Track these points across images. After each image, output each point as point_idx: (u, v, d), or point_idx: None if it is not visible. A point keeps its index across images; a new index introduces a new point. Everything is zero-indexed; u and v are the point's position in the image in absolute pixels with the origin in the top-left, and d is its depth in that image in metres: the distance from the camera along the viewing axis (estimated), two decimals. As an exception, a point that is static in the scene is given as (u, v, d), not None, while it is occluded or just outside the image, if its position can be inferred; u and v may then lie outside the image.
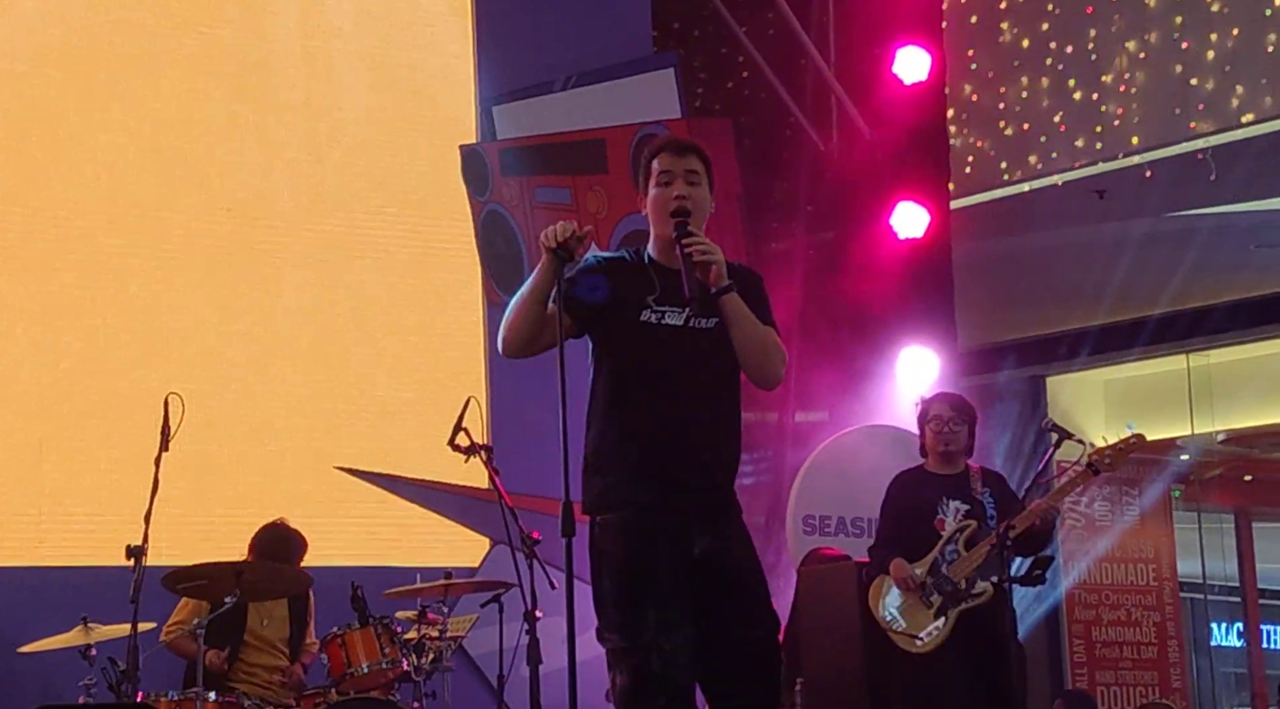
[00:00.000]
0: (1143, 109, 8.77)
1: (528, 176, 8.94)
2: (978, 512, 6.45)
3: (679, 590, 4.04)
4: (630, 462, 4.12)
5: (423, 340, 8.65)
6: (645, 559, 4.06)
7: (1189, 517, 13.29)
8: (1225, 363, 12.07)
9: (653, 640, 4.00)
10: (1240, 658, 14.69)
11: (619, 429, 4.15)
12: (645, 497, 4.09)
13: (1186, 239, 10.15)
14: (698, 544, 4.08)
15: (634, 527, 4.09)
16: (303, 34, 8.72)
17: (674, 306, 4.13)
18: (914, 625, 6.44)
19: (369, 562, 7.78)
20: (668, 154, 4.24)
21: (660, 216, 4.17)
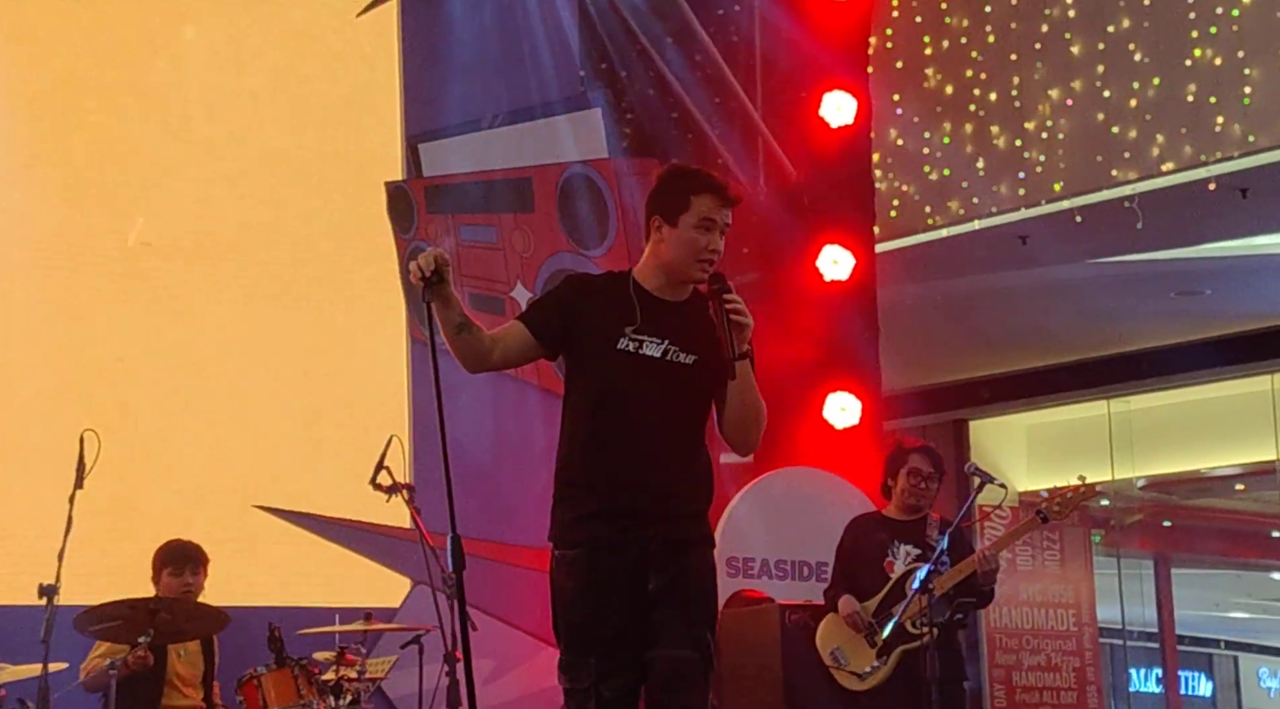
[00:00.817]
0: (1065, 156, 8.85)
1: (454, 214, 8.90)
2: (929, 557, 6.49)
3: (628, 634, 4.03)
4: (597, 492, 4.09)
5: (345, 378, 8.57)
6: (596, 603, 4.05)
7: (1109, 562, 13.39)
8: (1146, 409, 12.19)
9: (592, 686, 4.01)
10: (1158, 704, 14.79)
11: (587, 457, 4.12)
12: (606, 533, 4.06)
13: (1108, 286, 10.25)
14: (654, 580, 4.05)
15: (589, 567, 4.08)
16: (227, 69, 8.65)
17: (654, 337, 4.09)
18: (856, 663, 6.52)
19: (287, 602, 7.68)
20: (715, 199, 4.16)
21: (686, 259, 4.12)
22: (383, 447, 6.41)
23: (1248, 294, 10.34)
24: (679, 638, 4.03)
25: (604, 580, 4.05)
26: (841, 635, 6.61)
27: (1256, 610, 17.51)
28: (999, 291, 10.42)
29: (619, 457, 4.08)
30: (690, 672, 4.03)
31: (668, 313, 4.14)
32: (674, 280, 4.16)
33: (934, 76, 9.43)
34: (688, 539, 4.12)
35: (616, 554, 4.05)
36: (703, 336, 4.11)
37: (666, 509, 4.08)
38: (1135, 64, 8.57)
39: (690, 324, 4.13)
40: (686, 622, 4.05)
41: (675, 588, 4.05)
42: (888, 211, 9.37)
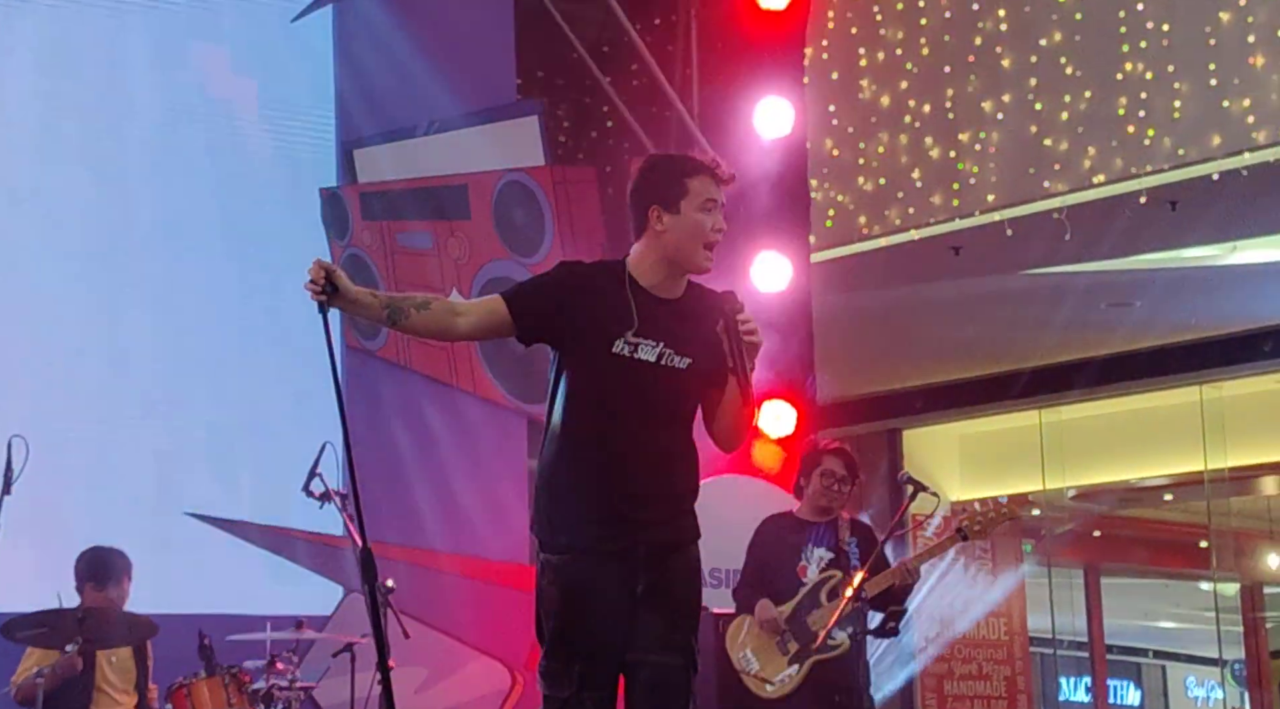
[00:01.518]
0: (998, 168, 8.91)
1: (389, 221, 8.87)
2: (842, 561, 6.50)
3: (611, 642, 3.96)
4: (585, 496, 4.00)
5: (278, 384, 8.52)
6: (582, 611, 3.97)
7: (1039, 571, 13.49)
8: (1077, 419, 12.30)
9: (574, 695, 3.93)
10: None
11: (575, 457, 4.02)
12: (594, 538, 3.98)
13: (1040, 297, 10.34)
14: (642, 581, 3.97)
15: (576, 573, 3.99)
16: (158, 69, 8.59)
17: (650, 340, 3.98)
18: (767, 670, 6.47)
19: (218, 609, 7.62)
20: (711, 179, 4.07)
21: (694, 243, 4.02)
22: (316, 453, 6.37)
23: (1177, 306, 10.45)
24: (663, 644, 3.97)
25: (589, 586, 3.97)
26: (753, 640, 6.53)
27: (1184, 620, 17.67)
28: (933, 302, 10.48)
29: (610, 460, 3.99)
30: (675, 680, 3.98)
31: (665, 313, 4.03)
32: (675, 271, 4.04)
33: (869, 87, 9.48)
34: (678, 540, 4.05)
35: (605, 560, 3.97)
36: (698, 338, 4.01)
37: (657, 512, 4.00)
38: (1066, 77, 8.65)
39: (686, 325, 4.03)
40: (671, 626, 3.98)
41: (661, 590, 3.98)
42: (823, 221, 9.41)
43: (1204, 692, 19.02)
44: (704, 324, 4.00)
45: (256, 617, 7.05)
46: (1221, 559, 13.14)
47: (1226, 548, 13.22)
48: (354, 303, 3.94)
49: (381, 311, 3.98)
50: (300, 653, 6.81)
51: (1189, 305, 10.41)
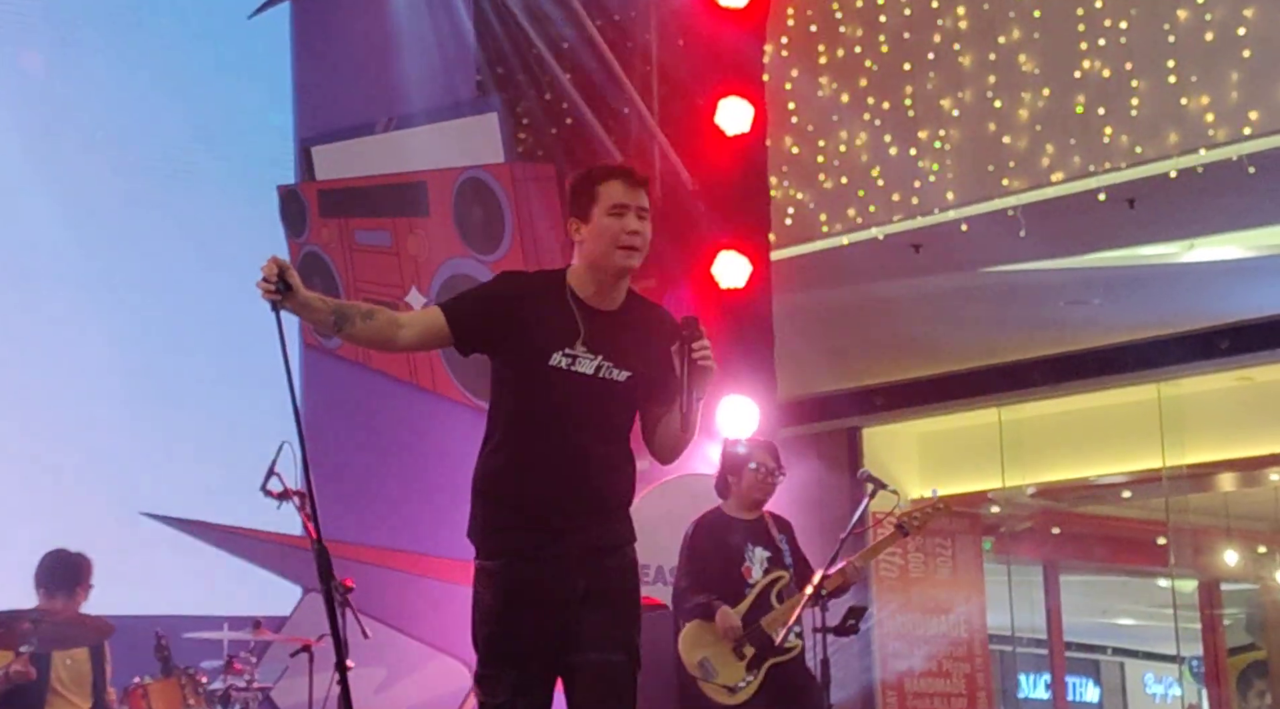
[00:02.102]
0: (957, 166, 8.93)
1: (348, 218, 8.82)
2: (780, 560, 6.52)
3: (545, 647, 3.95)
4: (519, 504, 4.01)
5: (235, 383, 8.46)
6: (514, 617, 3.96)
7: (999, 569, 13.52)
8: (1036, 417, 12.33)
9: (508, 702, 3.93)
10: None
11: (512, 466, 4.02)
12: (525, 545, 3.98)
13: (999, 294, 10.36)
14: (579, 584, 3.97)
15: (507, 578, 3.99)
16: (117, 68, 8.53)
17: (588, 353, 3.98)
18: (726, 676, 6.42)
19: (174, 610, 7.56)
20: (621, 183, 4.06)
21: (607, 248, 4.00)
22: (273, 453, 6.32)
23: (1135, 304, 10.49)
24: (606, 641, 3.96)
25: (522, 592, 3.97)
26: (709, 646, 6.47)
27: (1143, 617, 17.75)
28: (893, 300, 10.49)
29: (545, 471, 4.00)
30: (620, 677, 3.97)
31: (603, 325, 4.03)
32: (603, 280, 4.03)
33: (829, 85, 9.48)
34: (613, 543, 4.05)
35: (536, 565, 3.97)
36: (637, 352, 4.03)
37: (590, 518, 4.00)
38: (1025, 75, 8.67)
39: (626, 337, 4.04)
40: (613, 624, 3.97)
41: (599, 592, 3.98)
42: (783, 219, 9.40)
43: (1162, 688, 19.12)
44: (646, 338, 4.03)
45: (214, 617, 7.01)
46: (1180, 556, 13.20)
47: (1185, 545, 13.28)
48: (305, 305, 3.92)
49: (329, 317, 3.97)
50: (258, 653, 6.78)
51: (1146, 303, 10.46)
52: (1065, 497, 13.68)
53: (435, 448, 8.38)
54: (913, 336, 11.22)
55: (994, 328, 11.06)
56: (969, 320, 10.88)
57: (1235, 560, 14.39)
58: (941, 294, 10.32)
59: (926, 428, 12.93)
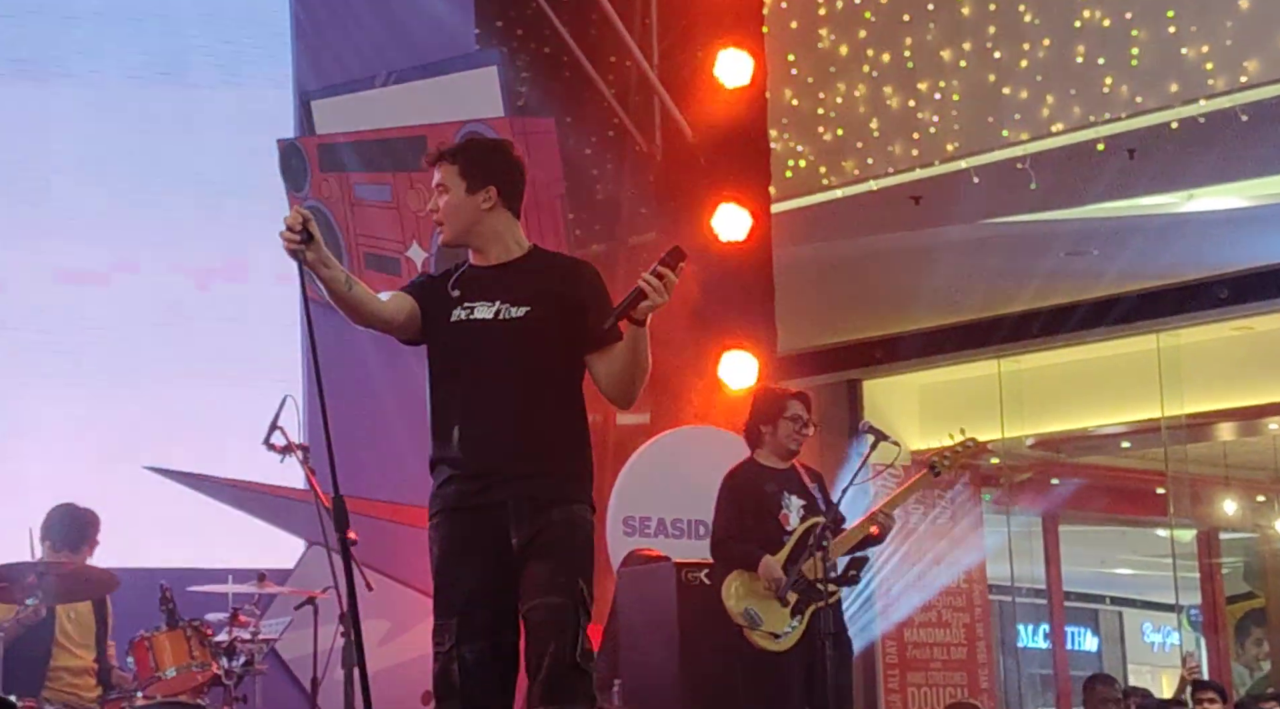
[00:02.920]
0: (958, 117, 8.92)
1: (347, 173, 8.81)
2: (814, 507, 6.55)
3: (487, 595, 4.07)
4: (450, 459, 4.17)
5: (238, 337, 8.48)
6: (453, 567, 4.12)
7: (999, 520, 13.57)
8: (1035, 368, 12.35)
9: (453, 648, 4.06)
10: (1046, 659, 15.05)
11: (440, 426, 4.21)
12: (461, 497, 4.13)
13: (999, 246, 10.37)
14: (515, 536, 4.09)
15: (448, 531, 4.15)
16: (114, 23, 8.50)
17: (484, 301, 4.18)
18: (772, 624, 6.46)
19: (179, 564, 7.60)
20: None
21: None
22: (276, 406, 6.35)
23: (1135, 254, 10.49)
24: (545, 586, 4.05)
25: (461, 543, 4.12)
26: (753, 595, 6.50)
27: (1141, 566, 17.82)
28: (892, 252, 10.50)
29: (466, 422, 4.16)
30: (558, 618, 4.03)
31: (496, 275, 4.25)
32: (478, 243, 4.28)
33: (828, 37, 9.47)
34: (550, 498, 4.12)
35: (472, 515, 4.12)
36: (537, 288, 4.19)
37: (521, 468, 4.11)
38: (1025, 25, 8.65)
39: (521, 280, 4.22)
40: (552, 571, 4.06)
41: (540, 543, 4.08)
42: (783, 172, 9.41)
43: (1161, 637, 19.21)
44: (544, 279, 4.22)
45: (218, 570, 7.04)
46: (1178, 506, 13.24)
47: (1183, 494, 13.32)
48: (323, 260, 4.03)
49: (341, 275, 4.10)
50: (262, 606, 6.81)
51: (1146, 253, 10.46)
52: (1065, 447, 13.72)
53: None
54: (912, 288, 11.23)
55: (994, 279, 11.07)
56: (969, 272, 10.89)
57: (1234, 509, 14.44)
58: (941, 246, 10.33)
59: (926, 380, 12.95)
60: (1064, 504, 14.41)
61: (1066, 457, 14.00)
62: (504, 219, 4.28)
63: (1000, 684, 13.65)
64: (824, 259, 10.34)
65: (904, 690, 12.51)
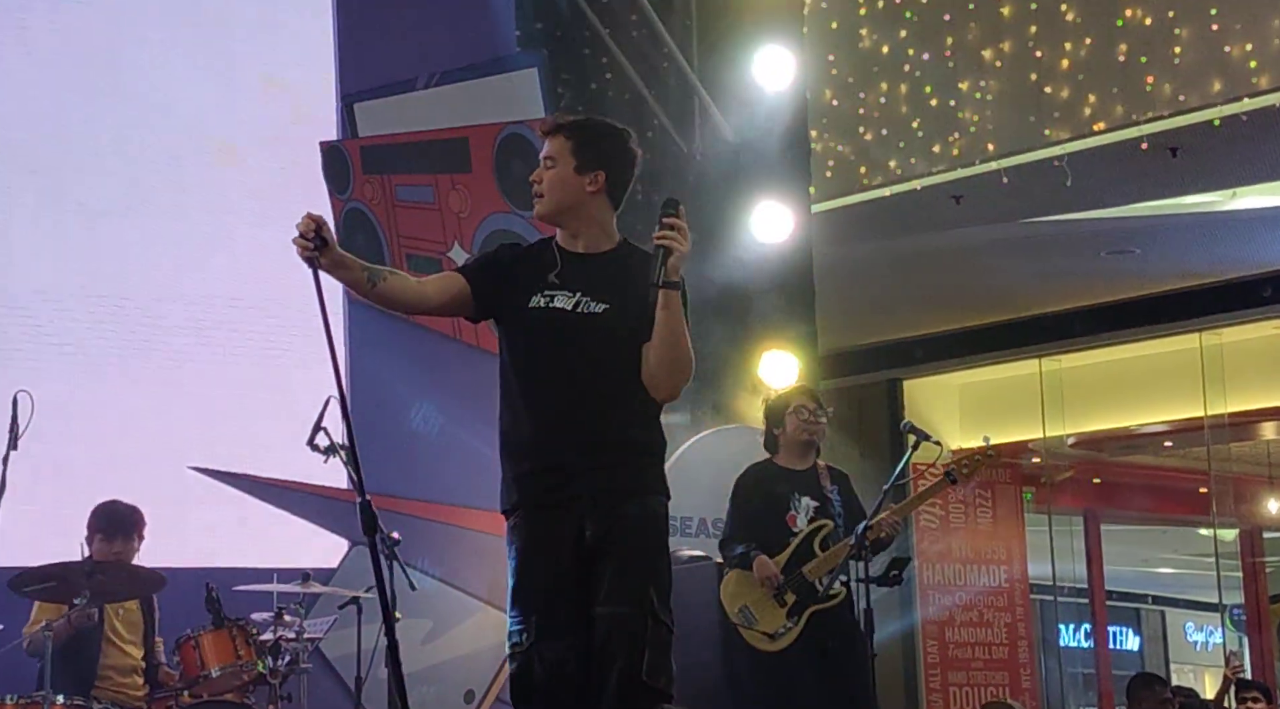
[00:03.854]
0: (998, 116, 8.91)
1: (390, 175, 8.86)
2: (827, 509, 6.54)
3: (565, 593, 3.97)
4: (525, 452, 4.08)
5: (281, 338, 8.53)
6: (532, 564, 4.02)
7: (1040, 519, 13.55)
8: (1076, 367, 12.33)
9: (532, 647, 3.96)
10: (1088, 658, 15.00)
11: (514, 418, 4.11)
12: (537, 491, 4.05)
13: (1040, 245, 10.35)
14: (589, 529, 3.99)
15: (526, 527, 4.06)
16: (157, 28, 8.56)
17: (565, 291, 4.07)
18: (766, 623, 6.48)
19: (224, 563, 7.66)
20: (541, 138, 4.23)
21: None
22: (320, 407, 6.38)
23: (1177, 253, 10.47)
24: (615, 594, 3.94)
25: (539, 538, 4.02)
26: (749, 593, 6.52)
27: (1183, 566, 17.76)
28: (933, 251, 10.49)
29: (541, 414, 4.06)
30: (625, 631, 3.93)
31: (582, 266, 4.12)
32: (563, 226, 4.16)
33: (868, 37, 9.47)
34: (625, 487, 4.02)
35: (549, 511, 4.02)
36: (617, 285, 4.07)
37: (596, 460, 4.00)
38: (1066, 24, 8.64)
39: (606, 274, 4.10)
40: (619, 575, 3.96)
41: (611, 540, 3.98)
42: (823, 172, 9.42)
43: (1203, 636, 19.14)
44: (625, 274, 4.07)
45: (263, 570, 7.09)
46: (1221, 505, 13.20)
47: (1226, 494, 13.27)
48: (339, 263, 3.97)
49: (362, 274, 4.03)
50: (306, 605, 6.85)
51: (1188, 252, 10.43)
52: (1106, 446, 13.68)
53: (479, 402, 8.38)
54: (953, 288, 11.23)
55: (1035, 278, 11.06)
56: (1010, 271, 10.88)
57: (1277, 508, 14.37)
58: (982, 245, 10.32)
59: (967, 379, 12.95)
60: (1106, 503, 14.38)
61: (1108, 456, 13.96)
62: (604, 207, 4.15)
63: (1042, 684, 13.62)
64: (864, 259, 10.34)
65: (945, 690, 12.50)
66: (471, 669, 8.24)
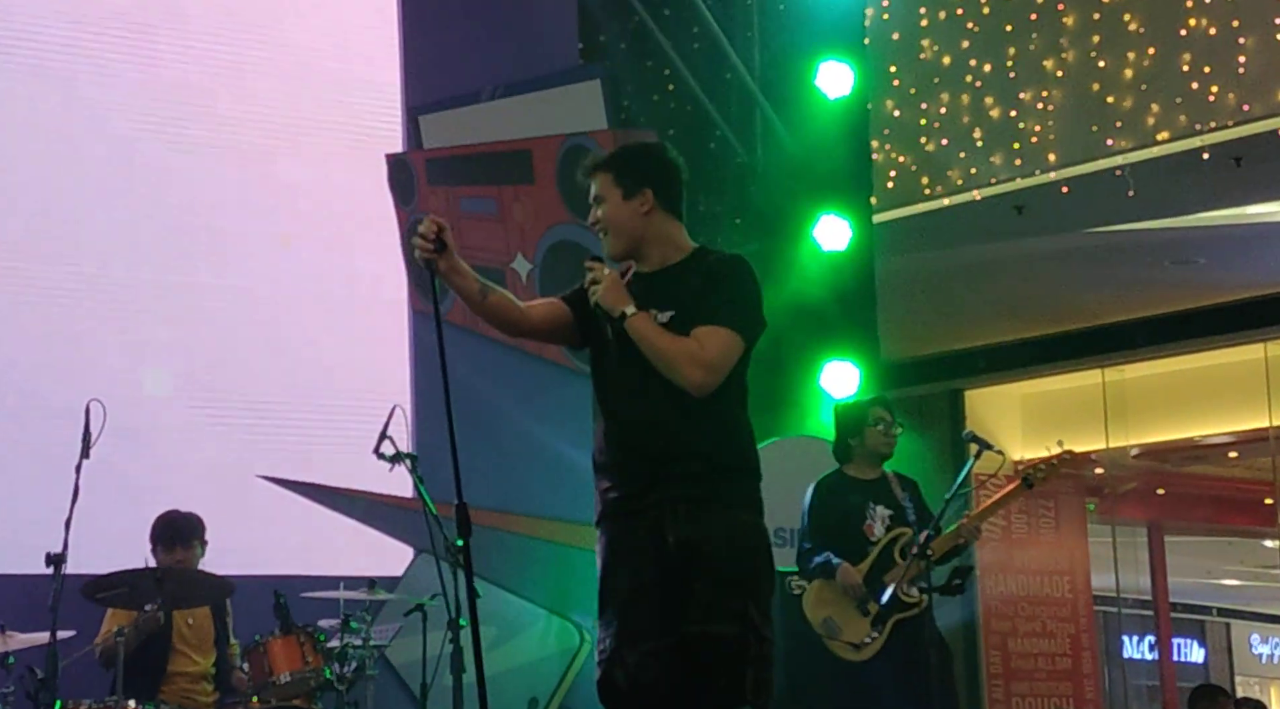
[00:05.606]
0: (1060, 126, 8.90)
1: (454, 186, 8.94)
2: (903, 517, 6.55)
3: (646, 601, 3.99)
4: (609, 465, 4.16)
5: (347, 348, 8.62)
6: (612, 571, 4.09)
7: (1103, 530, 13.48)
8: (1139, 378, 12.26)
9: (616, 651, 4.00)
10: (1152, 670, 14.91)
11: (600, 434, 4.21)
12: (620, 500, 4.11)
13: (1103, 255, 10.31)
14: (672, 535, 4.01)
15: (607, 538, 4.13)
16: (224, 42, 8.68)
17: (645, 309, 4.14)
18: (852, 633, 6.48)
19: (292, 571, 7.74)
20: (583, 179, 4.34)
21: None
22: (385, 416, 6.45)
23: (1241, 263, 10.40)
24: (710, 612, 3.96)
25: (620, 547, 4.08)
26: (832, 604, 6.54)
27: (1248, 577, 17.62)
28: (995, 261, 10.47)
29: (616, 427, 4.15)
30: (729, 650, 3.95)
31: (652, 281, 4.20)
32: (640, 256, 4.25)
33: (930, 47, 9.47)
34: (706, 497, 4.04)
35: (631, 517, 4.07)
36: (686, 290, 4.13)
37: (669, 469, 4.04)
38: (1129, 34, 8.61)
39: (676, 283, 4.17)
40: (716, 591, 3.97)
41: (703, 554, 3.99)
42: (885, 182, 9.42)
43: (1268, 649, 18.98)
44: (687, 282, 4.15)
45: (330, 577, 7.17)
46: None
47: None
48: (456, 268, 4.02)
49: (475, 285, 4.08)
50: (373, 612, 6.92)
51: (1253, 262, 10.36)
52: (1170, 457, 13.59)
53: (541, 411, 8.49)
54: (1015, 298, 11.20)
55: (1097, 288, 11.01)
56: (1072, 281, 10.84)
57: (1344, 521, 14.23)
58: (1044, 255, 10.29)
59: (1030, 389, 12.90)
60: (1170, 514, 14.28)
61: (1172, 467, 13.87)
62: (665, 222, 4.23)
63: (1105, 695, 13.54)
64: (926, 269, 10.33)
65: (1009, 701, 12.45)
66: (536, 677, 8.29)
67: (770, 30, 9.11)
